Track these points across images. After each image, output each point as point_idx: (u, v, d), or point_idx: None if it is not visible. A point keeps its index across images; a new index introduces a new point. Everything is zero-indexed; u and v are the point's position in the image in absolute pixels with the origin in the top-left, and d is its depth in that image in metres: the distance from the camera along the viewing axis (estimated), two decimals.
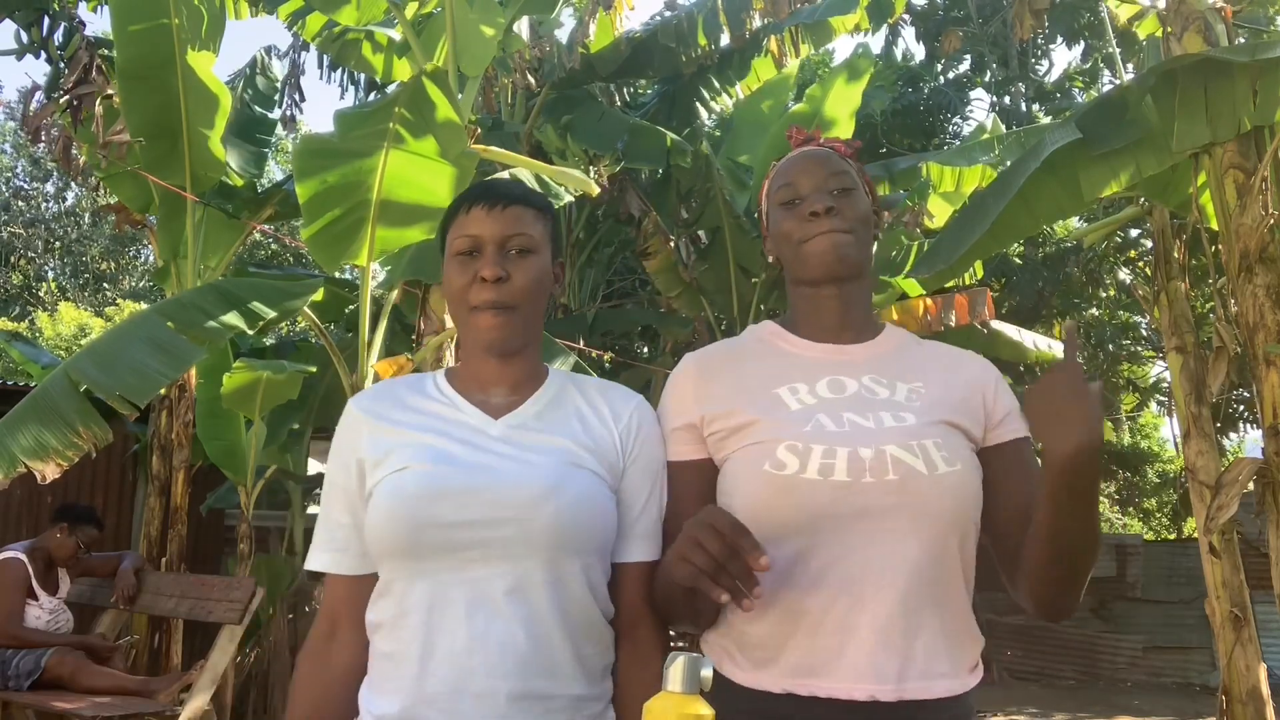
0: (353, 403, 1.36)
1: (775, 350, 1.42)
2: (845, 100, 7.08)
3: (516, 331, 1.32)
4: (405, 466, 1.26)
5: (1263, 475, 3.79)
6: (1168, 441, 15.79)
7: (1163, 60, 4.00)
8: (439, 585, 1.23)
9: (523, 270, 1.30)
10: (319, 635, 1.35)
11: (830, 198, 1.37)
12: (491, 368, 1.35)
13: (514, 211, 1.31)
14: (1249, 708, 4.05)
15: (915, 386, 1.36)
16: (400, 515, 1.23)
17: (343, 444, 1.34)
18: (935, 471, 1.26)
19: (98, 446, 3.89)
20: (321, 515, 1.37)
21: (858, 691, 1.22)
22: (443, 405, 1.34)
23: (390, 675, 1.24)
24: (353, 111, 3.97)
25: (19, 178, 19.21)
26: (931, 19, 11.96)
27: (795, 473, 1.26)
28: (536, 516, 1.22)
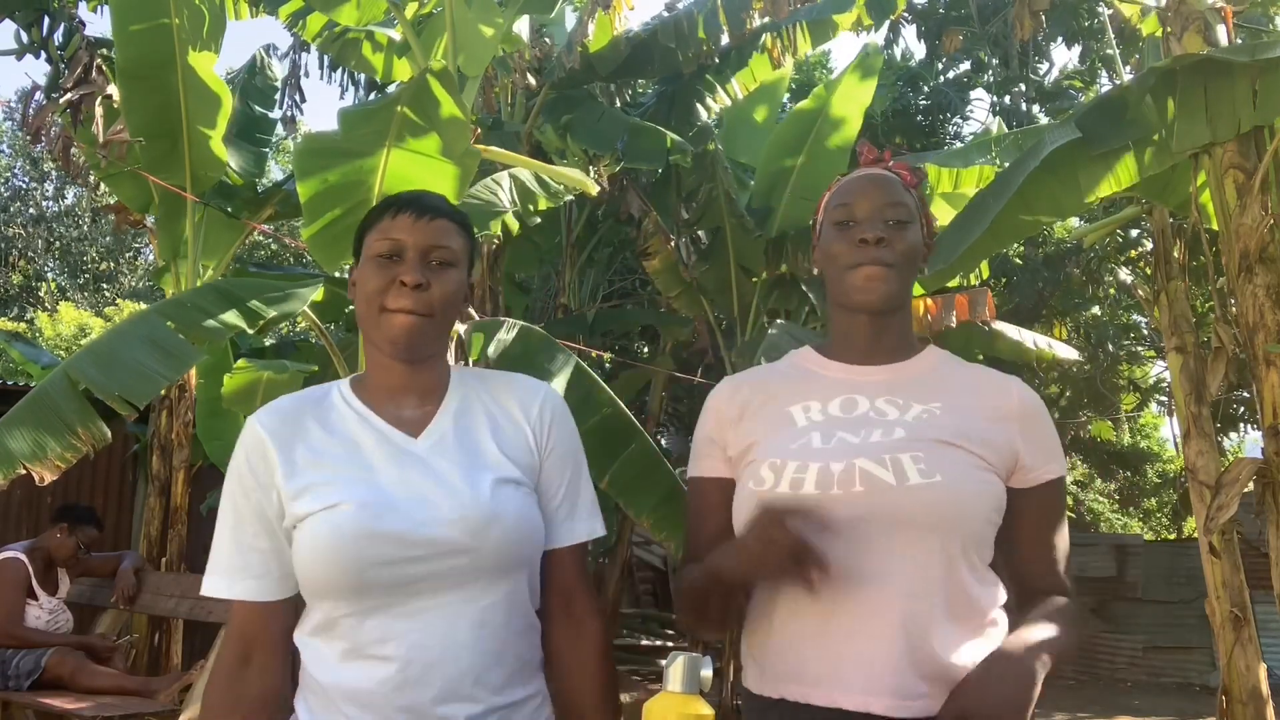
0: (255, 422, 1.32)
1: (803, 372, 1.45)
2: (854, 99, 7.08)
3: (429, 338, 1.31)
4: (336, 504, 1.24)
5: (1263, 475, 3.78)
6: (1168, 441, 15.79)
7: (1163, 60, 4.00)
8: (390, 617, 1.23)
9: (442, 281, 1.31)
10: (230, 662, 1.30)
11: (883, 228, 1.37)
12: (399, 374, 1.34)
13: (440, 224, 1.32)
14: (1249, 708, 4.04)
15: (931, 408, 1.35)
16: (340, 557, 1.21)
17: (253, 466, 1.29)
18: (905, 482, 1.26)
19: (96, 448, 3.88)
20: (228, 539, 1.31)
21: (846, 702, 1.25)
22: (356, 423, 1.32)
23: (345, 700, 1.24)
24: (356, 110, 3.96)
25: (18, 177, 19.21)
26: (932, 18, 11.96)
27: (770, 488, 1.29)
28: (482, 545, 1.25)
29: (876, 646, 1.24)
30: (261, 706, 1.30)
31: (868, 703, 1.24)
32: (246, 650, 1.30)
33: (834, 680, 1.25)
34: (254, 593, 1.29)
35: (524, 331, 4.53)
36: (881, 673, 1.24)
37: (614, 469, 4.46)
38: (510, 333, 4.49)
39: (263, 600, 1.30)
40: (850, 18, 7.17)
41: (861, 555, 1.26)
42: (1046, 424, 1.39)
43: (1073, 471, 15.28)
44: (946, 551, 1.27)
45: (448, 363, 1.41)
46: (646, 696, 1.27)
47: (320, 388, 1.40)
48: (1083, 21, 11.13)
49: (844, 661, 1.25)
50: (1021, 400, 1.38)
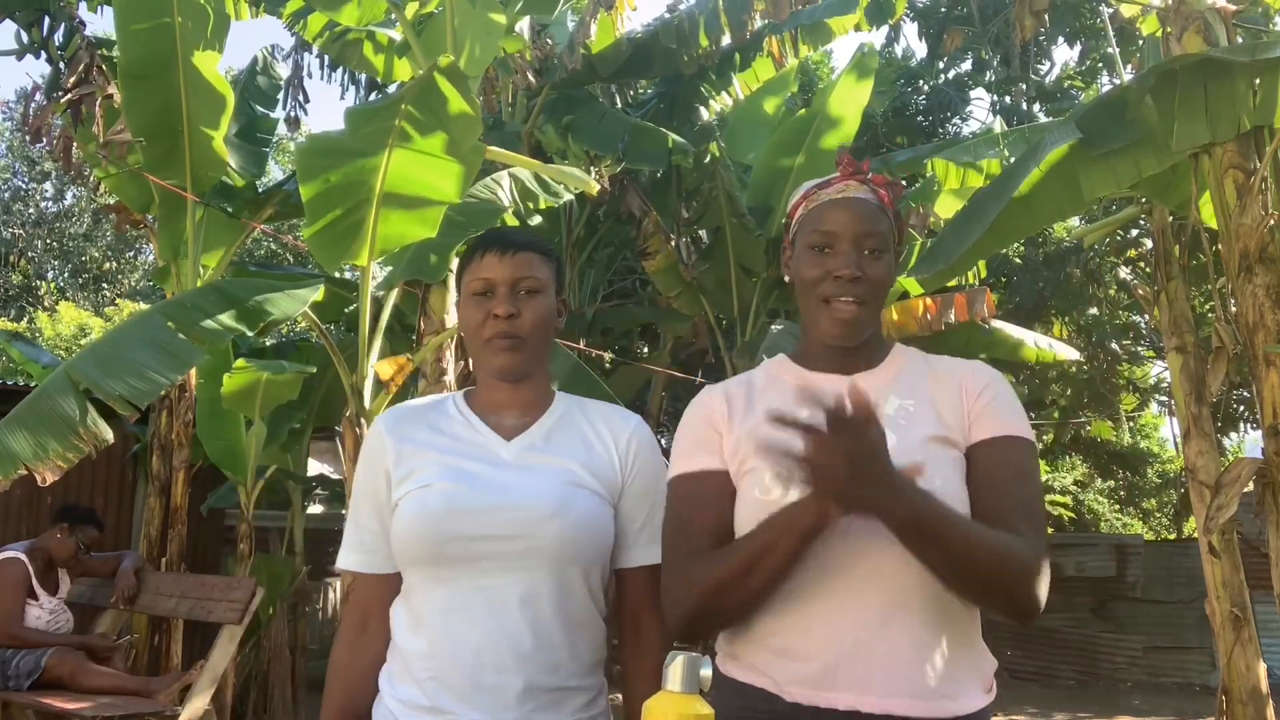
0: (380, 422, 1.53)
1: (782, 383, 1.46)
2: (852, 99, 7.08)
3: (526, 361, 1.49)
4: (429, 484, 1.43)
5: (1263, 475, 3.78)
6: (1168, 441, 15.78)
7: (1163, 60, 4.00)
8: (457, 591, 1.40)
9: (531, 308, 1.48)
10: (351, 628, 1.52)
11: (858, 261, 1.37)
12: (503, 393, 1.51)
13: (523, 257, 1.49)
14: (1249, 708, 4.04)
15: (904, 404, 1.39)
16: (425, 528, 1.40)
17: (372, 457, 1.50)
18: None
19: (98, 448, 3.89)
20: (350, 519, 1.53)
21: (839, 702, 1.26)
22: (461, 426, 1.50)
23: (412, 667, 1.41)
24: (361, 109, 3.96)
25: (18, 178, 19.20)
26: (933, 18, 11.95)
27: (778, 498, 1.30)
28: (544, 533, 1.40)
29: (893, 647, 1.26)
30: (376, 668, 1.48)
31: (888, 705, 1.25)
32: (364, 617, 1.51)
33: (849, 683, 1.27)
34: (365, 565, 1.50)
35: None
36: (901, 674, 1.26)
37: None
38: None
39: (373, 573, 1.50)
40: (850, 21, 7.18)
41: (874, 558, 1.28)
42: (999, 390, 1.39)
43: (1072, 471, 15.27)
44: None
45: (551, 385, 1.58)
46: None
47: (440, 397, 1.59)
48: (1084, 20, 11.13)
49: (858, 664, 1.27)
50: (975, 372, 1.42)
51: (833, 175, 1.46)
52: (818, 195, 1.44)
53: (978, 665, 1.33)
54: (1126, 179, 4.02)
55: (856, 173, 1.45)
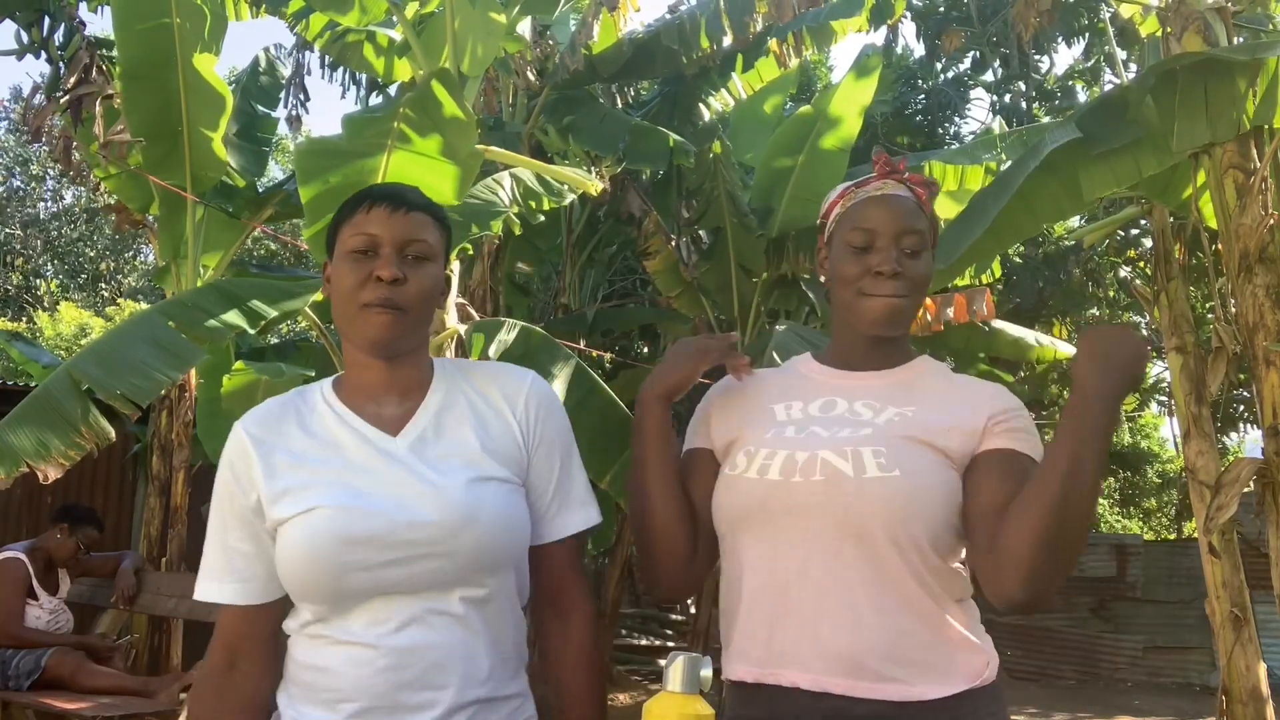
0: (240, 427, 1.31)
1: (795, 373, 1.51)
2: (854, 100, 7.08)
3: (407, 333, 1.28)
4: (313, 507, 1.22)
5: (1263, 475, 3.78)
6: (1168, 441, 15.80)
7: (1163, 60, 4.00)
8: (371, 615, 1.22)
9: (418, 276, 1.28)
10: (216, 669, 1.31)
11: (899, 258, 1.38)
12: (378, 372, 1.31)
13: (416, 217, 1.29)
14: (1249, 708, 4.04)
15: (905, 410, 1.37)
16: (319, 561, 1.20)
17: (236, 470, 1.28)
18: (862, 475, 1.29)
19: (100, 445, 3.89)
20: (215, 542, 1.30)
21: (784, 678, 1.29)
22: (336, 425, 1.30)
23: (325, 686, 1.24)
24: (360, 115, 3.97)
25: (16, 177, 19.19)
26: (932, 18, 11.96)
27: (741, 472, 1.36)
28: (459, 547, 1.22)
29: (836, 628, 1.28)
30: (246, 710, 1.30)
31: (826, 683, 1.27)
32: (232, 654, 1.31)
33: (793, 659, 1.29)
34: (239, 596, 1.29)
35: (524, 332, 4.53)
36: (837, 654, 1.27)
37: (614, 469, 4.46)
38: (511, 333, 4.49)
39: (247, 604, 1.29)
40: (855, 23, 7.18)
41: (818, 540, 1.30)
42: (1023, 417, 1.38)
43: None
44: (900, 544, 1.28)
45: (430, 358, 1.38)
46: (646, 696, 1.27)
47: (304, 389, 1.37)
48: (1082, 21, 11.13)
49: (802, 643, 1.29)
50: (994, 396, 1.39)
51: (869, 175, 1.47)
52: (855, 194, 1.44)
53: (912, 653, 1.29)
54: (1126, 179, 4.02)
55: (893, 171, 1.45)
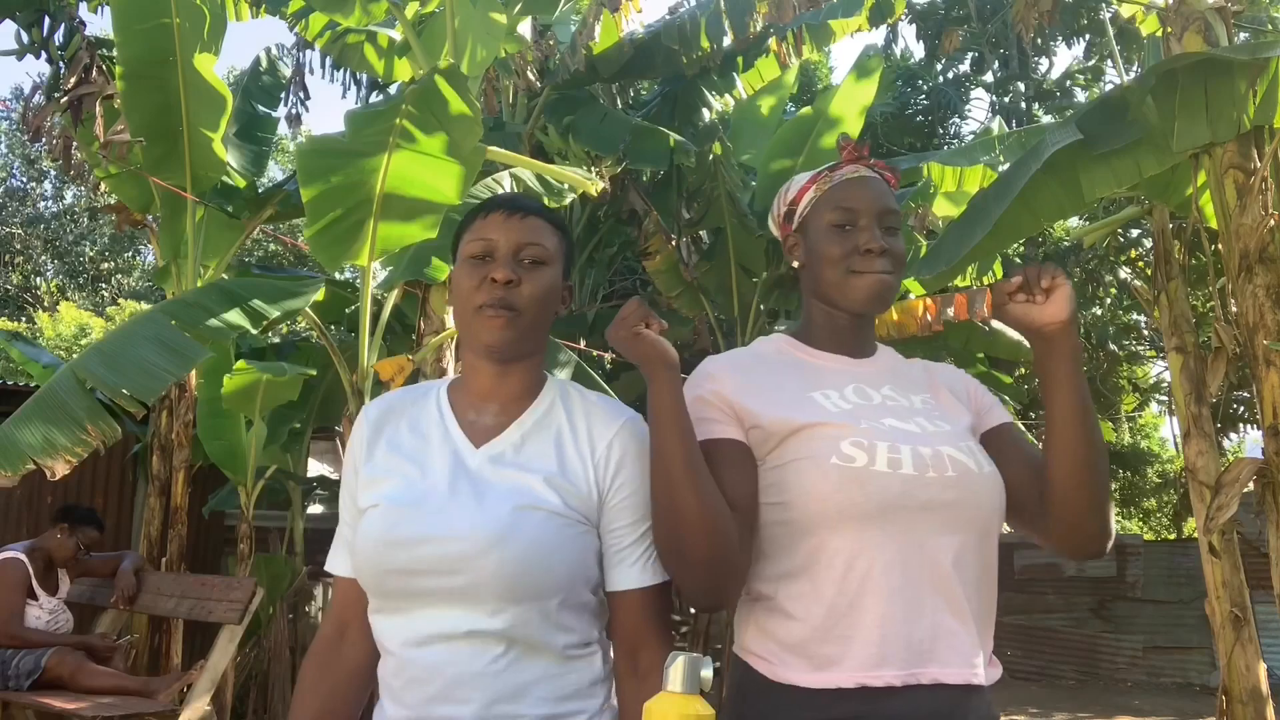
0: (367, 411, 1.38)
1: (796, 361, 1.47)
2: (853, 100, 7.08)
3: (520, 336, 1.29)
4: (377, 503, 1.28)
5: (1263, 475, 3.79)
6: (1168, 441, 15.79)
7: (1163, 60, 4.00)
8: (407, 619, 1.26)
9: (534, 279, 1.29)
10: (327, 637, 1.37)
11: (884, 236, 1.41)
12: (489, 379, 1.33)
13: (532, 222, 1.32)
14: (1249, 708, 4.04)
15: (925, 397, 1.45)
16: (365, 558, 1.27)
17: (353, 451, 1.36)
18: (983, 470, 1.34)
19: (106, 443, 3.89)
20: (343, 515, 1.39)
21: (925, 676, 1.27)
22: (436, 425, 1.34)
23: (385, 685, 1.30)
24: (362, 112, 3.97)
25: (15, 177, 19.19)
26: (932, 18, 11.96)
27: (865, 465, 1.29)
28: (483, 567, 1.21)
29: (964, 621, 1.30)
30: (352, 677, 1.36)
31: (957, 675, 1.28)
32: (342, 625, 1.37)
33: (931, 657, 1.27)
34: (345, 568, 1.35)
35: None
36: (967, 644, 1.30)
37: None
38: None
39: (352, 576, 1.33)
40: (855, 23, 7.19)
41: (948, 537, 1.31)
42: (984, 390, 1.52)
43: None
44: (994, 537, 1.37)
45: (543, 371, 1.39)
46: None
47: (427, 385, 1.41)
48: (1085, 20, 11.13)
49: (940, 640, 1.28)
50: (960, 377, 1.53)
51: (834, 162, 1.49)
52: (830, 177, 1.47)
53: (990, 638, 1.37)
54: (1127, 179, 4.02)
55: (861, 157, 1.48)
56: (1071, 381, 1.31)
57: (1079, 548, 1.34)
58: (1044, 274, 1.31)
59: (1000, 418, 1.47)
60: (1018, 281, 1.32)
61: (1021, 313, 1.32)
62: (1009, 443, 1.43)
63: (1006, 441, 1.43)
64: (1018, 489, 1.38)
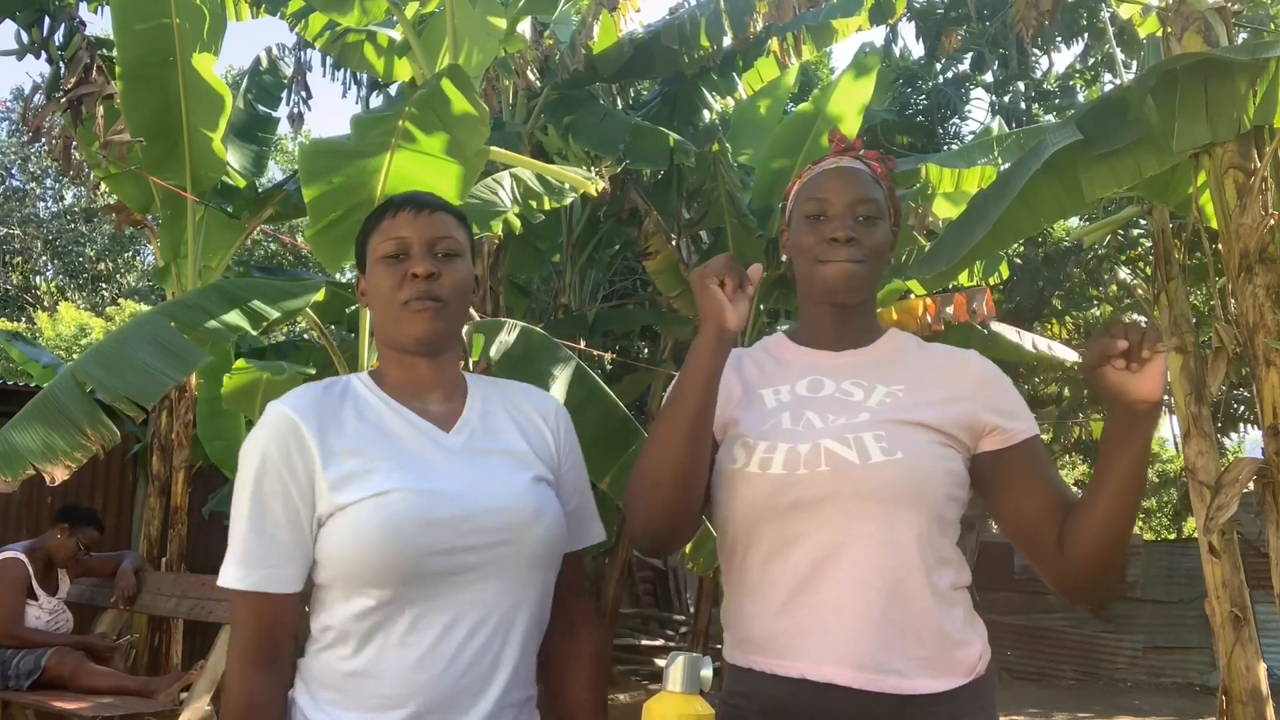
0: (284, 408, 1.28)
1: (773, 357, 1.49)
2: (850, 98, 7.08)
3: (448, 326, 1.33)
4: (387, 490, 1.23)
5: (1263, 475, 3.78)
6: (1168, 441, 15.79)
7: (1163, 60, 4.00)
8: (428, 607, 1.23)
9: (451, 270, 1.33)
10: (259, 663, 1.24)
11: (853, 225, 1.39)
12: (422, 369, 1.34)
13: (440, 216, 1.35)
14: (1249, 708, 4.04)
15: (894, 390, 1.38)
16: (400, 544, 1.21)
17: (285, 452, 1.25)
18: (868, 460, 1.29)
19: (106, 447, 3.89)
20: (250, 529, 1.25)
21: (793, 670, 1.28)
22: (389, 415, 1.31)
23: (373, 691, 1.22)
24: (367, 116, 3.98)
25: (14, 177, 19.19)
26: (931, 18, 11.96)
27: (741, 467, 1.33)
28: (527, 538, 1.27)
29: (842, 620, 1.27)
30: (282, 705, 1.27)
31: (831, 674, 1.26)
32: (273, 645, 1.25)
33: (801, 651, 1.28)
34: (278, 583, 1.24)
35: (525, 332, 4.53)
36: (847, 645, 1.26)
37: (614, 470, 4.46)
38: (511, 334, 4.49)
39: (285, 592, 1.25)
40: (855, 22, 7.18)
41: (828, 531, 1.29)
42: (1007, 388, 1.40)
43: (1073, 471, 15.27)
44: (911, 528, 1.29)
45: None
46: (646, 696, 1.27)
47: (334, 380, 1.38)
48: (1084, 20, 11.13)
49: (811, 634, 1.28)
50: (981, 370, 1.41)
51: (826, 155, 1.50)
52: (812, 170, 1.48)
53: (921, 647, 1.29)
54: (1127, 179, 4.02)
55: (848, 149, 1.48)
56: (1140, 458, 1.23)
57: (1083, 599, 1.33)
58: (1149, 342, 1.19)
59: (1022, 432, 1.37)
60: (1123, 346, 1.18)
61: (1118, 381, 1.19)
62: (1030, 464, 1.35)
63: (1029, 462, 1.35)
64: (1032, 518, 1.33)
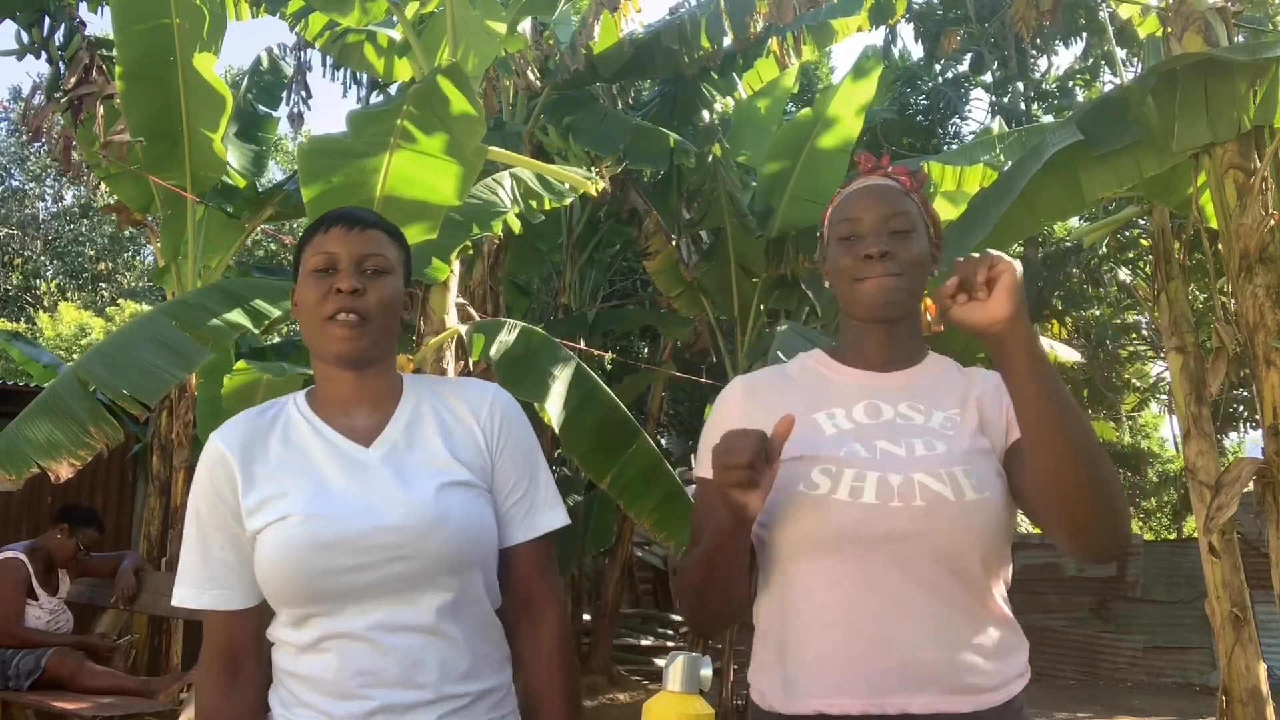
0: (217, 439, 1.35)
1: (819, 377, 1.46)
2: (853, 100, 7.08)
3: (370, 342, 1.34)
4: (287, 515, 1.27)
5: (1263, 475, 3.79)
6: (1168, 441, 15.79)
7: (1163, 60, 4.00)
8: (345, 618, 1.27)
9: (377, 287, 1.34)
10: (220, 675, 1.33)
11: (887, 240, 1.38)
12: (348, 384, 1.36)
13: (371, 234, 1.36)
14: (1249, 708, 4.04)
15: (951, 414, 1.38)
16: (293, 567, 1.25)
17: (215, 481, 1.33)
18: (963, 499, 1.28)
19: (110, 446, 3.89)
20: (196, 552, 1.34)
21: (889, 706, 1.25)
22: (311, 435, 1.35)
23: (309, 695, 1.29)
24: (364, 112, 3.96)
25: (14, 177, 19.19)
26: (930, 19, 11.96)
27: (826, 493, 1.30)
28: (427, 549, 1.27)
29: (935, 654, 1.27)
30: (254, 713, 1.34)
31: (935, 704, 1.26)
32: (234, 659, 1.34)
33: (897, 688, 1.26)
34: (223, 602, 1.33)
35: (525, 332, 4.53)
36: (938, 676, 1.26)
37: (615, 469, 4.46)
38: (511, 334, 4.49)
39: (234, 609, 1.33)
40: (855, 22, 7.18)
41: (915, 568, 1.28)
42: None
43: None
44: (987, 563, 1.31)
45: (398, 372, 1.43)
46: (646, 696, 1.27)
47: (277, 401, 1.42)
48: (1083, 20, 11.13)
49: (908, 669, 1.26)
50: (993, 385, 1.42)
51: (855, 175, 1.50)
52: (842, 193, 1.47)
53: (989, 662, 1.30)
54: (1127, 179, 4.02)
55: (877, 168, 1.48)
56: (1032, 375, 1.18)
57: (1088, 550, 1.27)
58: (979, 267, 1.18)
59: None
60: (953, 284, 1.19)
61: (963, 315, 1.19)
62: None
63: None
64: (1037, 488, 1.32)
